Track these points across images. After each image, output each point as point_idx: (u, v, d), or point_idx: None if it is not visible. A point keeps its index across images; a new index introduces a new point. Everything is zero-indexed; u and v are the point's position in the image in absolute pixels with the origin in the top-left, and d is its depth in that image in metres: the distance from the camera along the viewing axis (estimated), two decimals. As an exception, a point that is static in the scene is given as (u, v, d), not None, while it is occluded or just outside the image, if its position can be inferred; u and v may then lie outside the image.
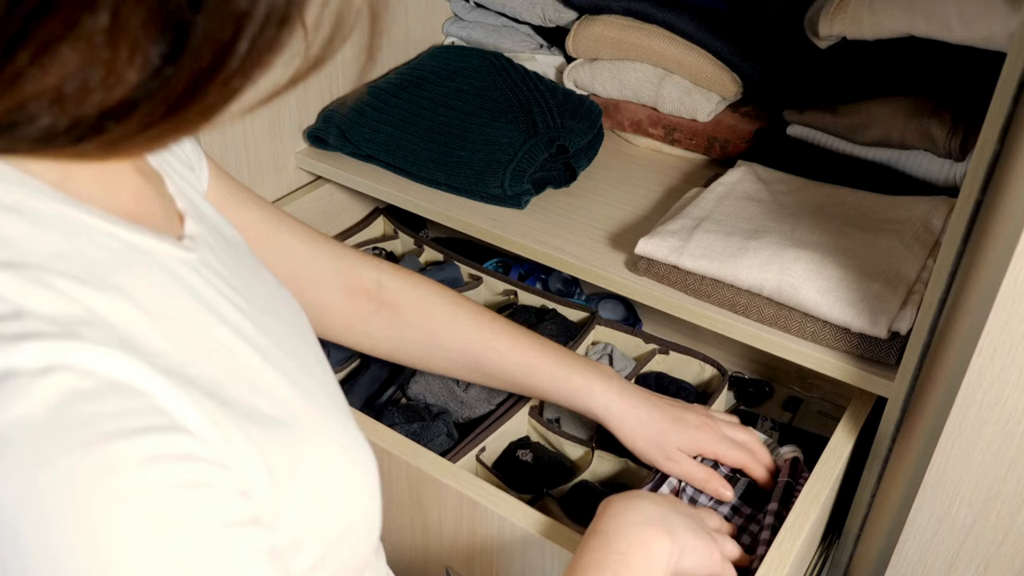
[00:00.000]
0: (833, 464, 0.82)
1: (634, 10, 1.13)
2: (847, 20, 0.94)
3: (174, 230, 0.50)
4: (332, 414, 0.53)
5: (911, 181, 1.00)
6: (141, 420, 0.36)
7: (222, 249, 0.54)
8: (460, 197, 1.08)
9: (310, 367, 0.55)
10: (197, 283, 0.47)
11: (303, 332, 0.59)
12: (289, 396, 0.48)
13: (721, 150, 1.14)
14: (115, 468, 0.34)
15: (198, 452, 0.38)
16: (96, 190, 0.44)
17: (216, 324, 0.46)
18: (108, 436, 0.34)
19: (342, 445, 0.52)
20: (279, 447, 0.45)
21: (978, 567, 0.81)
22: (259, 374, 0.47)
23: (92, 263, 0.40)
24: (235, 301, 0.49)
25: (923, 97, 0.99)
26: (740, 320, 0.87)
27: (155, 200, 0.50)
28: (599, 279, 0.96)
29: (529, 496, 0.89)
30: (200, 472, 0.37)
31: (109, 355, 0.36)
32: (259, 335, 0.50)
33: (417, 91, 1.17)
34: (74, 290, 0.38)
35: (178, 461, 0.36)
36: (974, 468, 0.74)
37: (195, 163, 0.65)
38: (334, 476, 0.50)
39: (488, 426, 0.93)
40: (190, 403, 0.39)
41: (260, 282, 0.57)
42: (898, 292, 0.82)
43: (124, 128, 0.34)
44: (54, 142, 0.34)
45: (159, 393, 0.38)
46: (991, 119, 0.59)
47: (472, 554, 0.82)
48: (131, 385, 0.37)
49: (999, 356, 0.66)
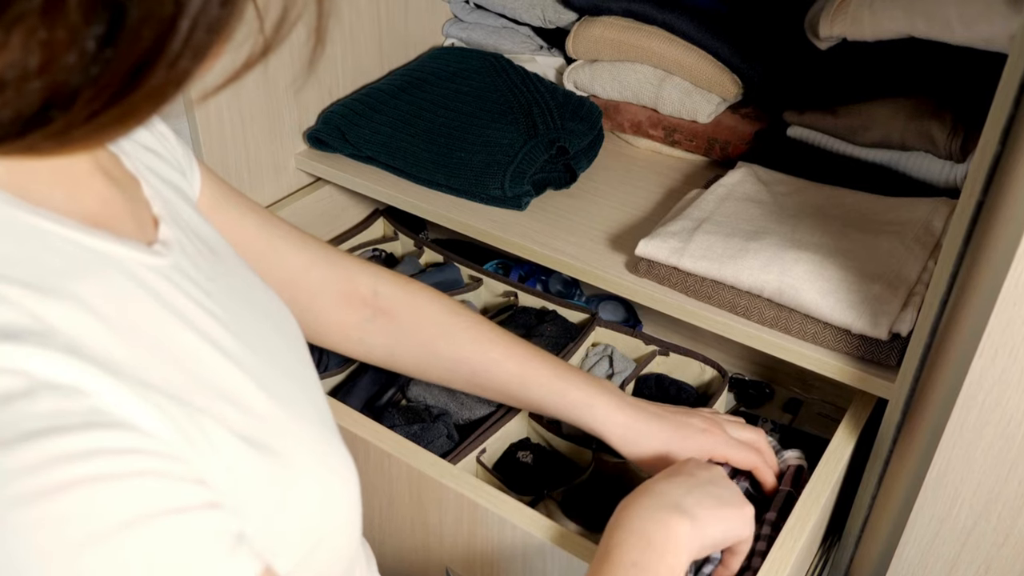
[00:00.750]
0: (834, 466, 0.82)
1: (634, 11, 1.13)
2: (847, 21, 0.94)
3: (145, 235, 0.49)
4: (312, 423, 0.52)
5: (912, 182, 1.00)
6: (75, 418, 0.35)
7: (200, 254, 0.53)
8: (460, 198, 1.08)
9: (293, 374, 0.54)
10: (164, 289, 0.46)
11: (289, 339, 0.58)
12: (260, 404, 0.48)
13: (721, 151, 1.14)
14: (42, 465, 0.33)
15: (145, 446, 0.37)
16: (58, 195, 0.43)
17: (183, 330, 0.45)
18: (35, 433, 0.33)
19: (318, 455, 0.51)
20: (242, 456, 0.44)
21: (979, 569, 0.81)
22: (228, 381, 0.46)
23: (45, 269, 0.39)
24: (208, 307, 0.48)
25: (924, 98, 0.99)
26: (740, 321, 0.87)
27: (125, 205, 0.49)
28: (599, 280, 0.96)
29: (529, 498, 0.89)
30: (144, 462, 0.36)
31: (47, 357, 0.35)
32: (232, 341, 0.49)
33: (417, 92, 1.17)
34: (21, 296, 0.37)
35: (116, 455, 0.35)
36: (975, 470, 0.74)
37: (186, 169, 0.64)
38: (308, 487, 0.49)
39: (488, 427, 0.93)
40: (146, 404, 0.38)
41: (243, 288, 0.56)
42: (899, 294, 0.82)
43: (69, 118, 0.33)
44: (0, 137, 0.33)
45: (103, 392, 0.37)
46: (992, 120, 0.59)
47: (472, 556, 0.82)
48: (70, 385, 0.36)
49: (1000, 357, 0.66)
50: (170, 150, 0.62)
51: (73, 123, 0.33)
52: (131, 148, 0.56)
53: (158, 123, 0.62)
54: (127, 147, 0.55)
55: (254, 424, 0.46)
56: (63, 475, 0.33)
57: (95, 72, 0.32)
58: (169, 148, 0.62)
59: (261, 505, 0.44)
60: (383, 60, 1.26)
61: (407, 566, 0.90)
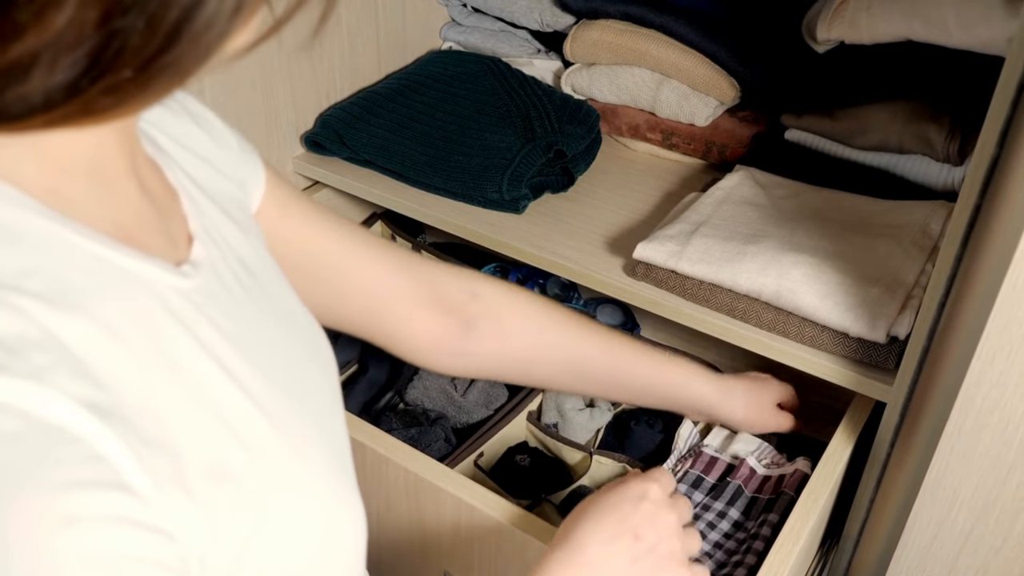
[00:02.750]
0: (832, 469, 0.82)
1: (631, 14, 1.13)
2: (845, 24, 0.94)
3: (175, 253, 0.48)
4: (323, 461, 0.51)
5: (909, 185, 1.00)
6: (72, 471, 0.34)
7: (234, 276, 0.51)
8: (458, 202, 1.08)
9: (311, 405, 0.52)
10: (187, 312, 0.45)
11: (321, 367, 0.56)
12: (267, 441, 0.46)
13: (719, 155, 1.14)
14: (39, 520, 0.33)
15: (132, 513, 0.36)
16: (91, 201, 0.42)
17: (200, 357, 0.44)
18: (34, 485, 0.33)
19: (328, 494, 0.50)
20: (235, 503, 0.42)
21: (977, 571, 0.81)
22: (236, 414, 0.45)
23: (64, 283, 0.38)
24: (229, 333, 0.47)
25: (921, 101, 0.99)
26: (738, 325, 0.87)
27: (158, 219, 0.48)
28: (597, 284, 0.96)
29: (527, 501, 0.89)
30: (131, 541, 0.35)
31: (44, 392, 0.35)
32: (248, 370, 0.47)
33: (415, 96, 1.17)
34: (36, 310, 0.36)
35: (109, 524, 0.35)
36: (973, 472, 0.74)
37: (248, 177, 0.62)
38: (311, 524, 0.48)
39: (486, 431, 0.93)
40: (128, 452, 0.37)
41: (276, 312, 0.54)
42: (896, 296, 0.82)
43: (124, 71, 0.33)
44: (31, 111, 0.33)
45: (95, 439, 0.35)
46: (990, 123, 0.59)
47: (470, 559, 0.82)
48: (65, 429, 0.35)
49: (998, 360, 0.66)
50: (229, 159, 0.60)
51: (127, 76, 0.33)
52: (180, 157, 0.54)
53: (222, 130, 0.60)
54: (176, 156, 0.54)
55: (253, 464, 0.45)
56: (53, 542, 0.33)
57: (142, 23, 0.32)
58: (228, 157, 0.60)
59: (252, 552, 0.43)
60: (381, 64, 1.26)
61: (404, 569, 0.90)
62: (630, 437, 0.96)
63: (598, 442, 0.98)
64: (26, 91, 0.33)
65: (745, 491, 0.85)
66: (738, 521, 0.83)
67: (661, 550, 0.63)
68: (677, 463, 0.89)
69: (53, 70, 0.33)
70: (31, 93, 0.33)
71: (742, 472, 0.86)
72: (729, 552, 0.80)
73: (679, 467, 0.89)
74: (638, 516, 0.63)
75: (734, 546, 0.81)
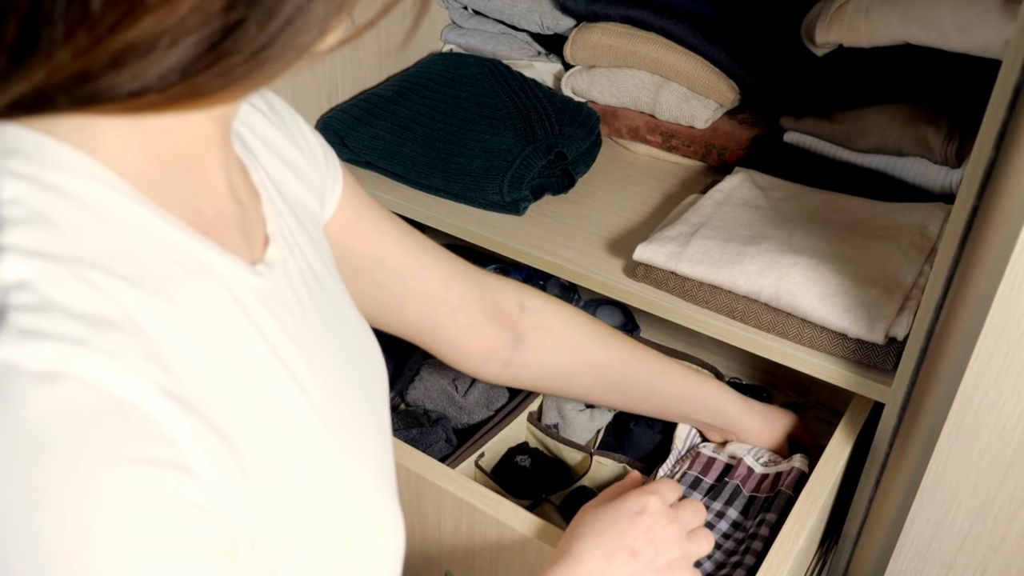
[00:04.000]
0: (831, 469, 0.82)
1: (631, 17, 1.14)
2: (844, 27, 0.95)
3: (252, 253, 0.48)
4: (372, 476, 0.51)
5: (907, 188, 1.01)
6: (141, 449, 0.35)
7: (304, 282, 0.52)
8: (459, 203, 1.08)
9: (363, 418, 0.53)
10: (258, 311, 0.45)
11: (373, 381, 0.57)
12: (321, 446, 0.47)
13: (719, 157, 1.14)
14: (104, 494, 0.33)
15: (193, 497, 0.36)
16: (182, 192, 0.43)
17: (266, 357, 0.45)
18: (102, 458, 0.33)
19: (374, 509, 0.50)
20: (284, 502, 0.43)
21: (976, 571, 0.82)
22: (296, 418, 0.46)
23: (147, 268, 0.39)
24: (296, 336, 0.47)
25: (919, 104, 0.99)
26: (737, 326, 0.87)
27: (239, 218, 0.48)
28: (597, 285, 0.96)
29: (528, 501, 0.89)
30: (190, 523, 0.36)
31: (121, 370, 0.35)
32: (310, 376, 0.48)
33: (416, 98, 1.18)
34: (120, 290, 0.37)
35: (172, 505, 0.35)
36: (971, 472, 0.75)
37: (328, 185, 0.62)
38: (351, 536, 0.48)
39: (487, 432, 0.93)
40: (194, 436, 0.37)
41: (338, 323, 0.54)
42: (895, 298, 0.82)
43: (211, 72, 0.35)
44: (145, 90, 0.34)
45: (165, 419, 0.36)
46: (987, 126, 0.60)
47: (471, 559, 0.82)
48: (138, 407, 0.35)
49: (996, 360, 0.67)
50: (314, 166, 0.60)
51: (238, 62, 0.35)
52: (265, 160, 0.55)
53: (309, 137, 0.61)
54: (262, 158, 0.55)
55: (306, 468, 0.45)
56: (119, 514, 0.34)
57: (261, 14, 0.34)
58: (313, 164, 0.60)
59: (294, 552, 0.44)
60: (382, 66, 1.26)
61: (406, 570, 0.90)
62: (630, 438, 0.97)
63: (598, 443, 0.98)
64: (142, 70, 0.34)
65: (743, 491, 0.85)
66: (736, 521, 0.83)
67: (658, 563, 0.64)
68: (676, 464, 0.90)
69: (170, 52, 0.34)
70: (146, 72, 0.34)
71: (740, 472, 0.86)
72: (728, 552, 0.81)
73: (677, 468, 0.89)
74: (634, 531, 0.65)
75: (733, 546, 0.81)
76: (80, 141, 0.39)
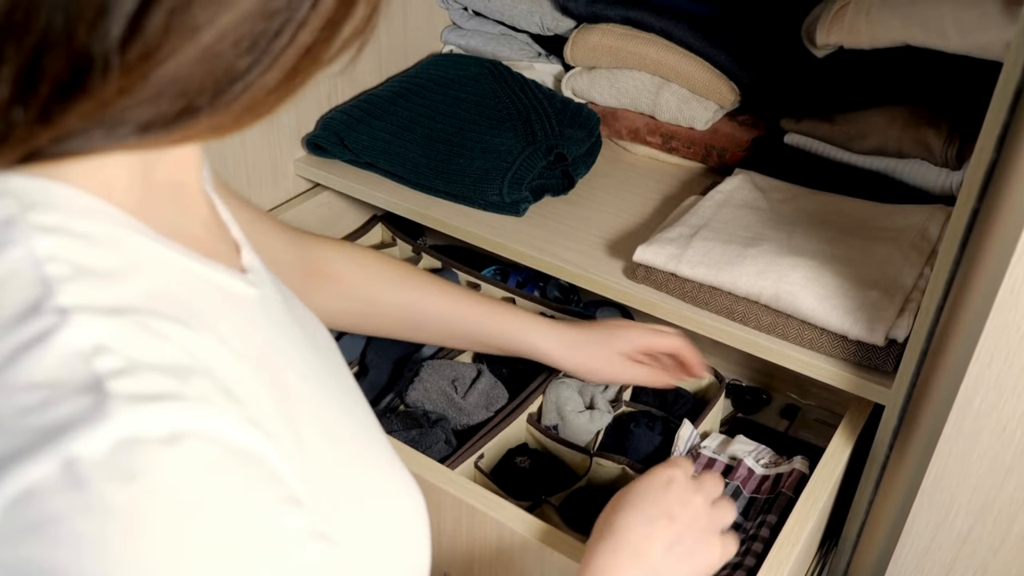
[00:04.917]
0: (831, 471, 0.82)
1: (632, 19, 1.14)
2: (844, 29, 0.95)
3: (236, 262, 0.47)
4: (382, 447, 0.52)
5: (908, 190, 1.01)
6: (267, 493, 0.35)
7: (273, 283, 0.51)
8: (458, 204, 1.08)
9: (347, 401, 0.53)
10: (263, 322, 0.45)
11: (339, 362, 0.57)
12: (344, 436, 0.47)
13: (719, 158, 1.14)
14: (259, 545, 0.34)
15: (306, 525, 0.36)
16: (172, 215, 0.42)
17: (283, 368, 0.44)
18: (245, 511, 0.33)
19: (396, 480, 0.51)
20: (336, 503, 0.43)
21: (975, 573, 0.82)
22: (318, 416, 0.45)
23: (183, 304, 0.38)
24: (293, 339, 0.47)
25: (920, 106, 0.99)
26: (738, 327, 0.87)
27: (217, 229, 0.47)
28: (597, 286, 0.96)
29: (527, 503, 0.89)
30: (313, 553, 0.36)
31: (223, 417, 0.34)
32: (314, 374, 0.48)
33: (416, 99, 1.18)
34: (176, 333, 0.36)
35: (303, 538, 0.36)
36: (971, 475, 0.75)
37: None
38: (388, 517, 0.48)
39: (486, 433, 0.93)
40: (286, 462, 0.37)
41: (300, 313, 0.54)
42: (895, 300, 0.82)
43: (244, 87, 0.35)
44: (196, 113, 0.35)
45: (266, 454, 0.36)
46: (987, 128, 0.60)
47: (471, 560, 0.82)
48: (245, 448, 0.35)
49: (996, 362, 0.67)
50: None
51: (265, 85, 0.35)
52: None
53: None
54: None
55: (343, 458, 0.46)
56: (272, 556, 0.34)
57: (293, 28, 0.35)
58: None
59: (351, 540, 0.44)
60: (382, 66, 1.26)
61: (405, 571, 0.90)
62: (629, 439, 0.96)
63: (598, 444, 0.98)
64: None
65: (744, 492, 0.85)
66: (737, 522, 0.83)
67: (694, 529, 0.66)
68: (676, 465, 0.90)
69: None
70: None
71: (740, 473, 0.86)
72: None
73: (678, 469, 0.89)
74: (670, 498, 0.66)
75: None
76: (83, 180, 0.37)
